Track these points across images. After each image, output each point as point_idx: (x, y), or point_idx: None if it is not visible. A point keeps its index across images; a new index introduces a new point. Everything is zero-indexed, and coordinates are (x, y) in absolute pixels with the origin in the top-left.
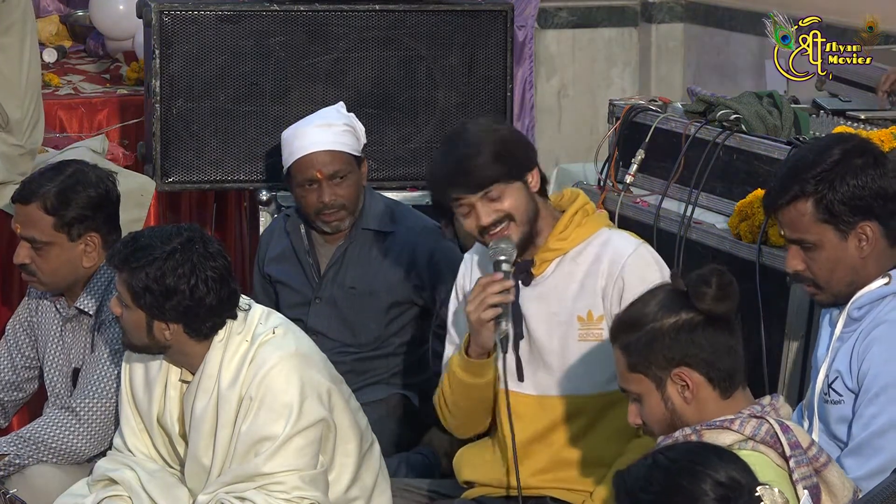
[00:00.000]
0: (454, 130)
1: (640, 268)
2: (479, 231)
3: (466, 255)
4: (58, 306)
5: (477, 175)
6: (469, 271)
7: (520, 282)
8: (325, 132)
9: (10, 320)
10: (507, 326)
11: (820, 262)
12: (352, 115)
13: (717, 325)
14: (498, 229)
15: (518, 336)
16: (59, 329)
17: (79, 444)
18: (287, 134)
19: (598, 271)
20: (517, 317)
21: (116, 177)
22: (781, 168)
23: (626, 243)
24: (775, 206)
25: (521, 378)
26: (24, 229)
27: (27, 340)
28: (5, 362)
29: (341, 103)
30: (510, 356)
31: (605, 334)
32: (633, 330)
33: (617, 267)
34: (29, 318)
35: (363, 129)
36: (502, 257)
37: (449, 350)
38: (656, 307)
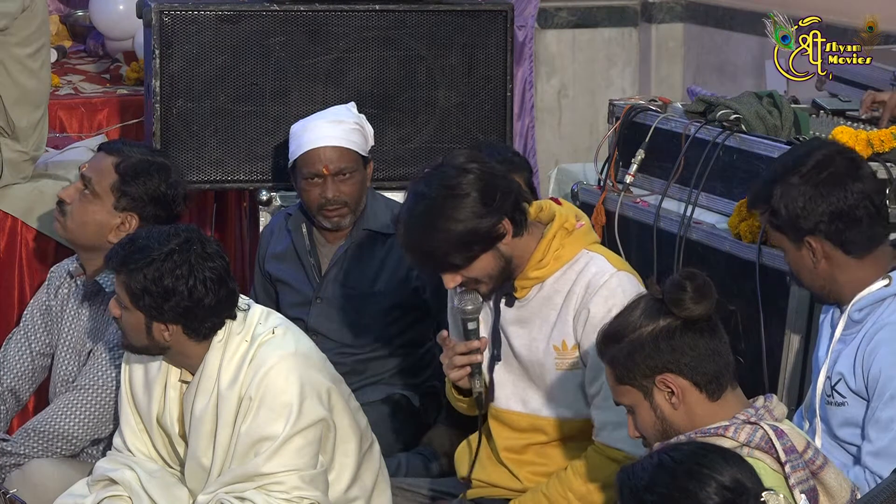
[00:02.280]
0: (418, 193)
1: (606, 298)
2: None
3: None
4: (78, 282)
5: (432, 266)
6: None
7: (502, 302)
8: (335, 128)
9: (29, 305)
10: (480, 386)
11: (789, 263)
12: (362, 115)
13: (696, 329)
14: (469, 286)
15: (495, 358)
16: (76, 308)
17: (68, 427)
18: (296, 127)
19: (572, 301)
20: (496, 340)
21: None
22: (758, 179)
23: (601, 272)
24: (753, 210)
25: (491, 399)
26: (89, 170)
27: (42, 325)
28: (24, 350)
29: (352, 103)
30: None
31: (580, 362)
32: (615, 342)
33: (588, 297)
34: (48, 302)
35: (372, 130)
36: (469, 316)
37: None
38: (636, 317)
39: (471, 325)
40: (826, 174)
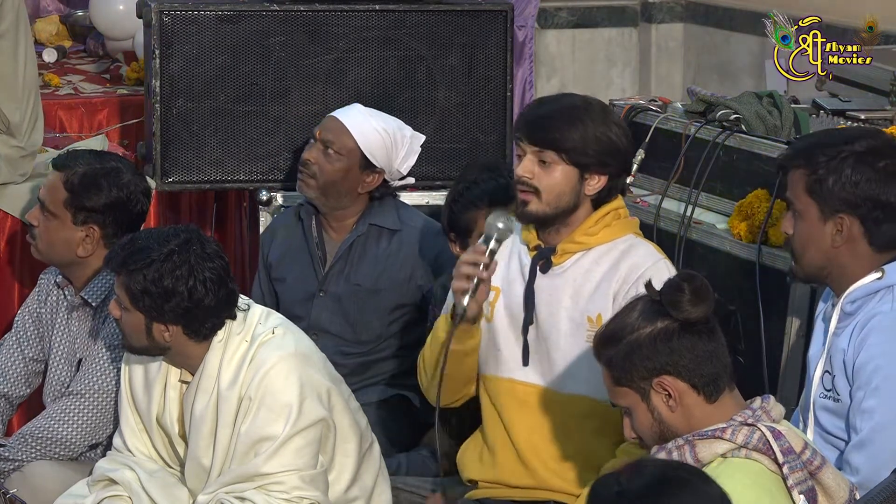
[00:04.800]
0: (588, 96)
1: (655, 280)
2: (515, 180)
3: None
4: (66, 293)
5: (545, 131)
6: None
7: (538, 268)
8: (360, 115)
9: (20, 311)
10: (467, 302)
11: (799, 233)
12: (411, 143)
13: (694, 331)
14: (524, 190)
15: (528, 321)
16: (65, 318)
17: (66, 433)
18: None
19: (615, 276)
20: (529, 302)
21: (150, 193)
22: (806, 136)
23: (649, 254)
24: (783, 166)
25: (525, 363)
26: (43, 191)
27: (34, 332)
28: (16, 355)
29: (418, 135)
30: (515, 342)
31: None
32: (612, 344)
33: (633, 275)
34: (38, 309)
35: (408, 164)
36: (493, 233)
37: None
38: (633, 319)
39: (493, 245)
40: (885, 162)
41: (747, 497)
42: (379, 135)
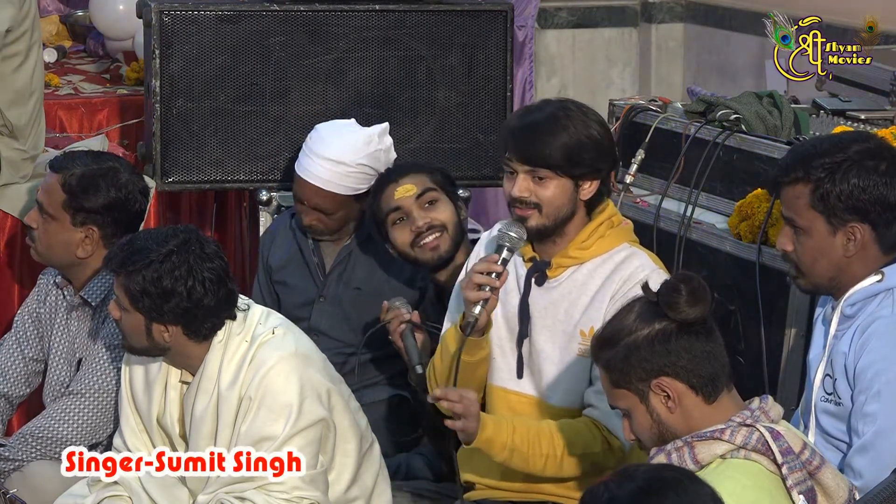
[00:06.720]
0: (561, 98)
1: None
2: (509, 199)
3: (484, 234)
4: (65, 293)
5: (535, 150)
6: (482, 250)
7: (533, 281)
8: (331, 171)
9: (19, 311)
10: (478, 312)
11: (805, 249)
12: (380, 148)
13: (692, 332)
14: (523, 208)
15: (523, 334)
16: (65, 317)
17: (66, 433)
18: (313, 136)
19: (609, 289)
20: (524, 316)
21: (150, 192)
22: (797, 148)
23: (642, 266)
24: (777, 183)
25: (519, 376)
26: (41, 193)
27: (34, 332)
28: (16, 355)
29: (385, 126)
30: (509, 352)
31: None
32: (610, 346)
33: (625, 287)
34: (37, 309)
35: (390, 158)
36: (506, 243)
37: (447, 325)
38: (631, 321)
39: (505, 254)
40: (885, 163)
41: (747, 498)
42: (359, 176)
